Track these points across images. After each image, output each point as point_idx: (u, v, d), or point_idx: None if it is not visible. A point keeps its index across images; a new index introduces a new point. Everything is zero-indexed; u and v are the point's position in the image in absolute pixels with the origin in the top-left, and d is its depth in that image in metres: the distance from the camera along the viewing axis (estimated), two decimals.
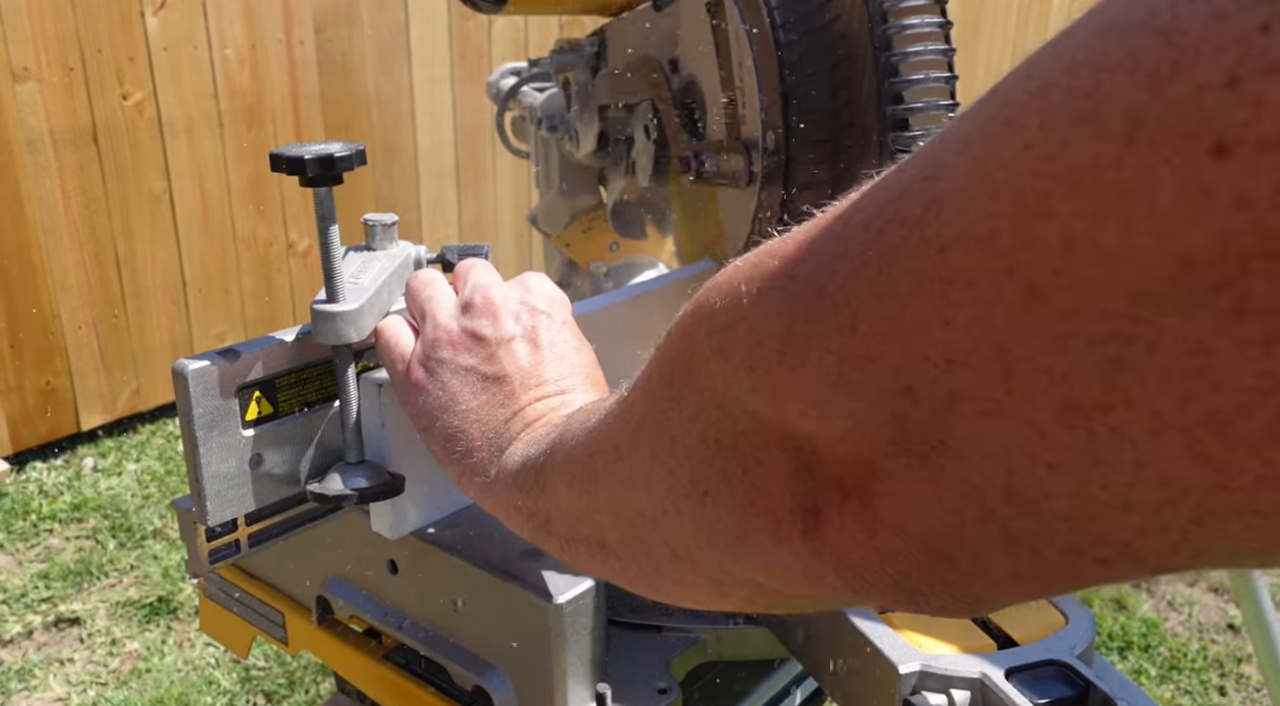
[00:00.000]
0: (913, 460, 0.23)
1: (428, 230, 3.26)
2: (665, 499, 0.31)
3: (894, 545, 0.24)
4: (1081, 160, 0.18)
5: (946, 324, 0.21)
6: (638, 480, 0.32)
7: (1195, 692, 1.95)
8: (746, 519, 0.28)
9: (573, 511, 0.39)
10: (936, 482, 0.22)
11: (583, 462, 0.37)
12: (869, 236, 0.23)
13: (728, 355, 0.26)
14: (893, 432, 0.23)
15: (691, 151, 0.71)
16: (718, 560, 0.30)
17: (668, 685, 0.56)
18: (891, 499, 0.24)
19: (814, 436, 0.25)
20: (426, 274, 0.55)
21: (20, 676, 1.94)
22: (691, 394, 0.28)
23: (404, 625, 0.60)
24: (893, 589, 0.25)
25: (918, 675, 0.49)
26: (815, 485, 0.26)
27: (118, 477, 2.59)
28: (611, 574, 0.38)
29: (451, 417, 0.48)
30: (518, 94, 1.02)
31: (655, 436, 0.31)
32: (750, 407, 0.26)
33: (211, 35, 2.69)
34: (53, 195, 2.50)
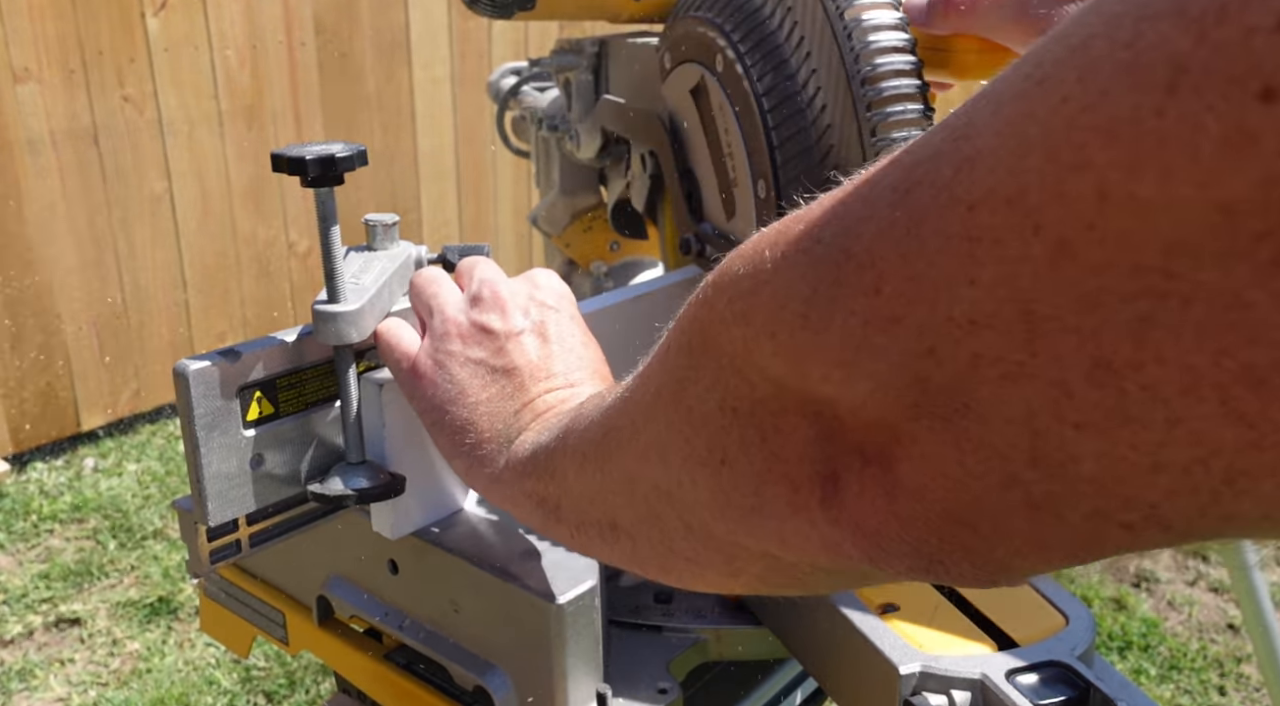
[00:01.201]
0: (935, 423, 0.23)
1: (428, 230, 3.26)
2: (681, 469, 0.31)
3: (914, 510, 0.24)
4: (1121, 110, 0.18)
5: (971, 283, 0.21)
6: (653, 451, 0.32)
7: (1195, 692, 1.95)
8: (764, 487, 0.28)
9: (584, 494, 0.39)
10: (959, 446, 0.22)
11: (597, 442, 0.37)
12: (897, 198, 0.22)
13: (749, 320, 0.26)
14: (915, 396, 0.23)
15: (693, 234, 0.71)
16: (733, 532, 0.30)
17: (668, 685, 0.56)
18: (913, 463, 0.24)
19: (835, 400, 0.25)
20: (431, 271, 0.55)
21: (21, 676, 1.94)
22: (709, 362, 0.28)
23: (404, 625, 0.60)
24: (911, 557, 0.25)
25: (918, 676, 0.49)
26: (835, 451, 0.26)
27: (118, 478, 2.59)
28: (623, 556, 0.38)
29: (460, 410, 0.48)
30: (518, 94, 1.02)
31: (671, 406, 0.31)
32: (770, 373, 0.26)
33: (212, 36, 2.69)
34: (53, 195, 2.50)
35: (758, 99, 0.59)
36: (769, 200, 0.61)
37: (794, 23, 0.57)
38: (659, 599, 0.62)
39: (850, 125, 0.56)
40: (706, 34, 0.63)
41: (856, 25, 0.55)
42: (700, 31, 0.64)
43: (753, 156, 0.62)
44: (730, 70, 0.61)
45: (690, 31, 0.65)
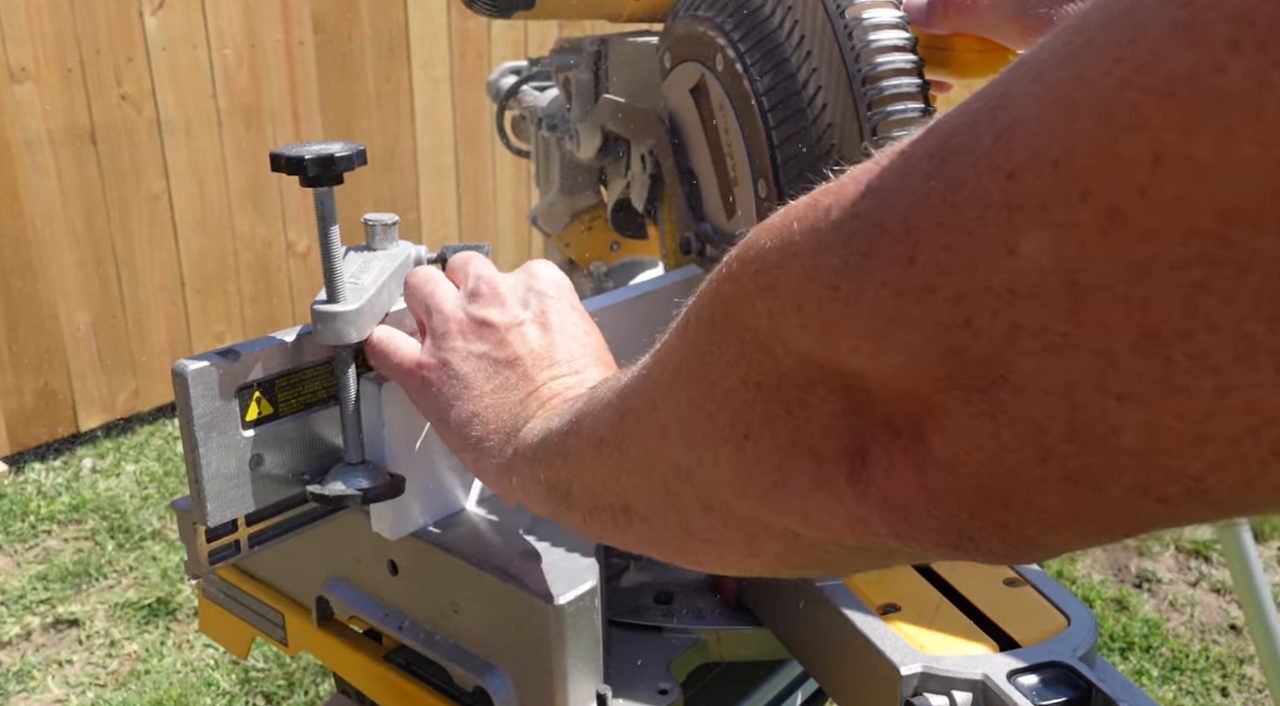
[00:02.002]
0: (970, 395, 0.22)
1: (427, 230, 3.26)
2: (702, 445, 0.30)
3: (945, 484, 0.23)
4: (1178, 68, 0.17)
5: (1011, 252, 0.20)
6: (673, 429, 0.32)
7: (1197, 693, 1.95)
8: (788, 462, 0.27)
9: (597, 478, 0.38)
10: (995, 418, 0.22)
11: (613, 424, 0.36)
12: (932, 167, 0.22)
13: (776, 293, 0.26)
14: (950, 367, 0.22)
15: (693, 233, 0.71)
16: (754, 510, 0.29)
17: (669, 686, 0.56)
18: (945, 436, 0.23)
19: (865, 373, 0.24)
20: (425, 271, 0.55)
21: (19, 678, 1.94)
22: (733, 336, 0.28)
23: (404, 625, 0.60)
24: (939, 532, 0.24)
25: (919, 676, 0.49)
26: (863, 425, 0.25)
27: (116, 478, 2.59)
28: (637, 540, 0.37)
29: (465, 404, 0.48)
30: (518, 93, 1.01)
31: (693, 382, 0.30)
32: (797, 347, 0.26)
33: (210, 35, 2.68)
34: (51, 195, 2.50)
35: (758, 98, 0.59)
36: (769, 199, 0.61)
37: (794, 22, 0.57)
38: (659, 599, 0.62)
39: (851, 124, 0.56)
40: (706, 33, 0.63)
41: (857, 24, 0.55)
42: (700, 30, 0.63)
43: (753, 156, 0.62)
44: (730, 69, 0.61)
45: (690, 31, 0.65)
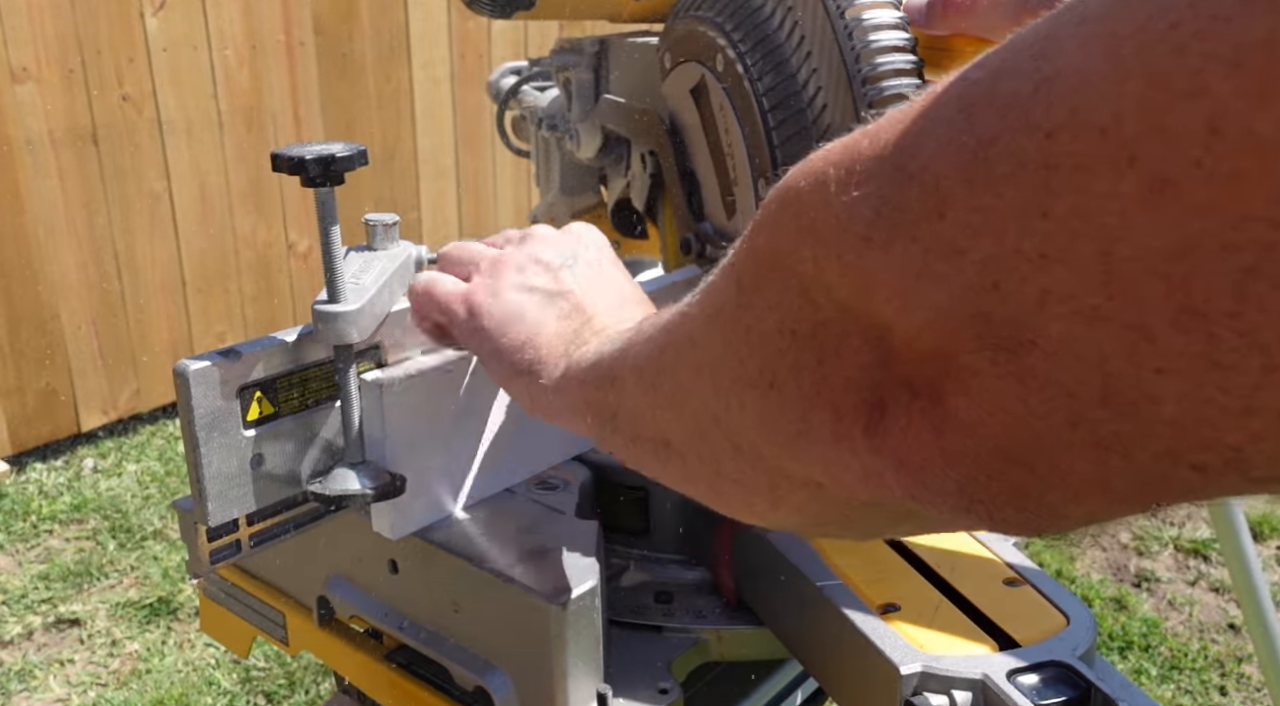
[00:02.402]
0: (999, 357, 0.21)
1: (428, 230, 3.26)
2: (730, 390, 0.30)
3: (963, 446, 0.23)
4: (1249, 35, 0.16)
5: (1044, 215, 0.19)
6: (706, 369, 0.32)
7: (1196, 692, 1.95)
8: (810, 412, 0.27)
9: (639, 407, 0.38)
10: (1023, 382, 0.21)
11: (654, 357, 0.37)
12: (963, 118, 0.21)
13: (818, 238, 0.25)
14: (978, 327, 0.21)
15: (693, 234, 0.71)
16: (778, 456, 0.29)
17: (669, 685, 0.56)
18: (969, 397, 0.22)
19: (894, 327, 0.24)
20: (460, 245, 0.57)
21: (20, 677, 1.94)
22: (776, 281, 0.27)
23: (405, 625, 0.60)
24: (954, 495, 0.24)
25: (919, 676, 0.49)
26: (886, 381, 0.25)
27: (118, 478, 2.59)
28: (675, 475, 0.37)
29: (520, 329, 0.49)
30: (518, 93, 1.01)
31: (731, 325, 0.30)
32: (836, 295, 0.25)
33: (211, 35, 2.69)
34: (52, 195, 2.50)
35: (758, 98, 0.59)
36: None
37: (794, 22, 0.57)
38: (659, 599, 0.62)
39: (851, 125, 0.56)
40: (707, 33, 0.63)
41: (857, 24, 0.55)
42: (700, 31, 0.64)
43: (753, 156, 0.62)
44: (731, 70, 0.61)
45: (690, 31, 0.65)
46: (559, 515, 0.60)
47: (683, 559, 0.65)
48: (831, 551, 0.57)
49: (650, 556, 0.65)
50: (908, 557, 0.58)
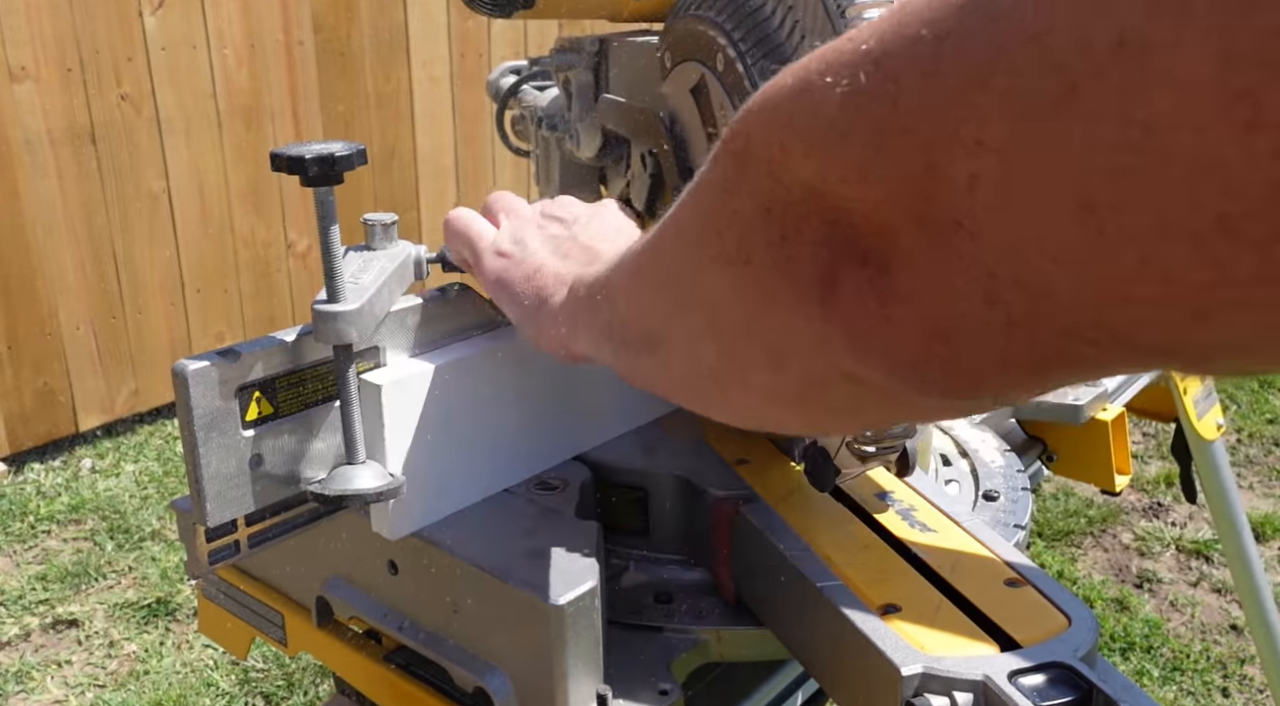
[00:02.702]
0: (935, 237, 0.24)
1: (427, 230, 3.26)
2: (709, 266, 0.34)
3: (901, 315, 0.26)
4: None
5: (980, 109, 0.22)
6: (689, 246, 0.35)
7: (1198, 694, 1.95)
8: (777, 284, 0.30)
9: (630, 307, 0.42)
10: (950, 262, 0.24)
11: (644, 251, 0.40)
12: (927, 11, 0.24)
13: (789, 126, 0.28)
14: (919, 207, 0.24)
15: None
16: (747, 328, 0.33)
17: (669, 686, 0.56)
18: (908, 273, 0.26)
19: (851, 206, 0.27)
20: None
21: (18, 678, 1.94)
22: (751, 166, 0.30)
23: (404, 626, 0.59)
24: (890, 359, 0.28)
25: (920, 677, 0.48)
26: (841, 255, 0.28)
27: (116, 479, 2.59)
28: (660, 374, 0.41)
29: (529, 266, 0.53)
30: (518, 93, 1.01)
31: (712, 203, 0.33)
32: (800, 176, 0.28)
33: (210, 35, 2.68)
34: (51, 195, 2.50)
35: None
36: None
37: (794, 21, 0.57)
38: (659, 599, 0.62)
39: None
40: (706, 32, 0.63)
41: (857, 23, 0.55)
42: (700, 30, 0.63)
43: None
44: (731, 69, 0.61)
45: (690, 30, 0.65)
46: (559, 515, 0.60)
47: (683, 559, 0.65)
48: (832, 551, 0.57)
49: (650, 556, 0.65)
50: (908, 558, 0.57)
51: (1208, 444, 1.29)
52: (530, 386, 0.62)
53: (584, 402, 0.66)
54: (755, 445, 0.68)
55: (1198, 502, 1.45)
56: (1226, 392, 3.10)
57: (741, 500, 0.61)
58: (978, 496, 0.74)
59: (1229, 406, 3.03)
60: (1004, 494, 0.73)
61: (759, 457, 0.66)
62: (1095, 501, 2.57)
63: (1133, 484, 2.64)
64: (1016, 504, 0.72)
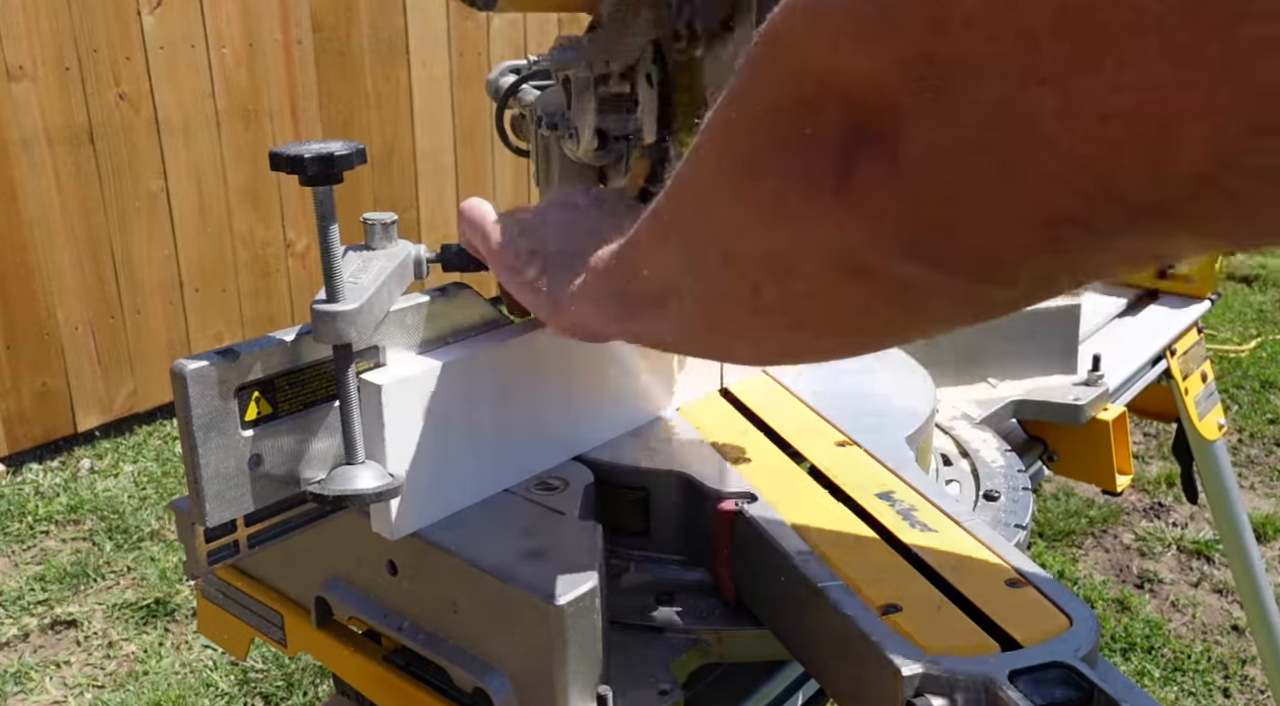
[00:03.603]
0: (937, 96, 0.26)
1: (427, 229, 3.26)
2: (721, 185, 0.35)
3: (909, 187, 0.28)
4: None
5: None
6: (703, 173, 0.37)
7: (1199, 694, 1.95)
8: (789, 182, 0.32)
9: (645, 261, 0.43)
10: (951, 117, 0.26)
11: (660, 201, 0.41)
12: None
13: (811, 13, 0.29)
14: (921, 69, 0.26)
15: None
16: (761, 238, 0.34)
17: (669, 687, 0.56)
18: (913, 140, 0.27)
19: (861, 84, 0.28)
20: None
21: (16, 679, 1.94)
22: (772, 64, 0.32)
23: (403, 626, 0.59)
24: (902, 236, 0.29)
25: (920, 677, 0.48)
26: (852, 139, 0.29)
27: (114, 479, 2.58)
28: (675, 325, 0.42)
29: (555, 256, 0.54)
30: (517, 92, 1.01)
31: (726, 119, 0.34)
32: (815, 64, 0.29)
33: (208, 34, 2.68)
34: (48, 195, 2.50)
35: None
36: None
37: None
38: (659, 599, 0.62)
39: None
40: None
41: None
42: None
43: None
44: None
45: None
46: (559, 515, 0.59)
47: (683, 559, 0.65)
48: (832, 551, 0.57)
49: (650, 556, 0.65)
50: (909, 557, 0.57)
51: (1209, 444, 1.29)
52: (530, 386, 0.62)
53: (584, 402, 0.66)
54: (756, 445, 0.68)
55: (1199, 503, 1.45)
56: (1228, 393, 3.10)
57: (742, 500, 0.61)
58: (978, 496, 0.74)
59: (1230, 406, 3.03)
60: (1005, 494, 0.73)
61: (760, 457, 0.66)
62: (1096, 501, 2.57)
63: (1134, 484, 2.64)
64: (1017, 504, 0.72)
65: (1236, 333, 3.56)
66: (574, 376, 0.64)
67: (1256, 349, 3.40)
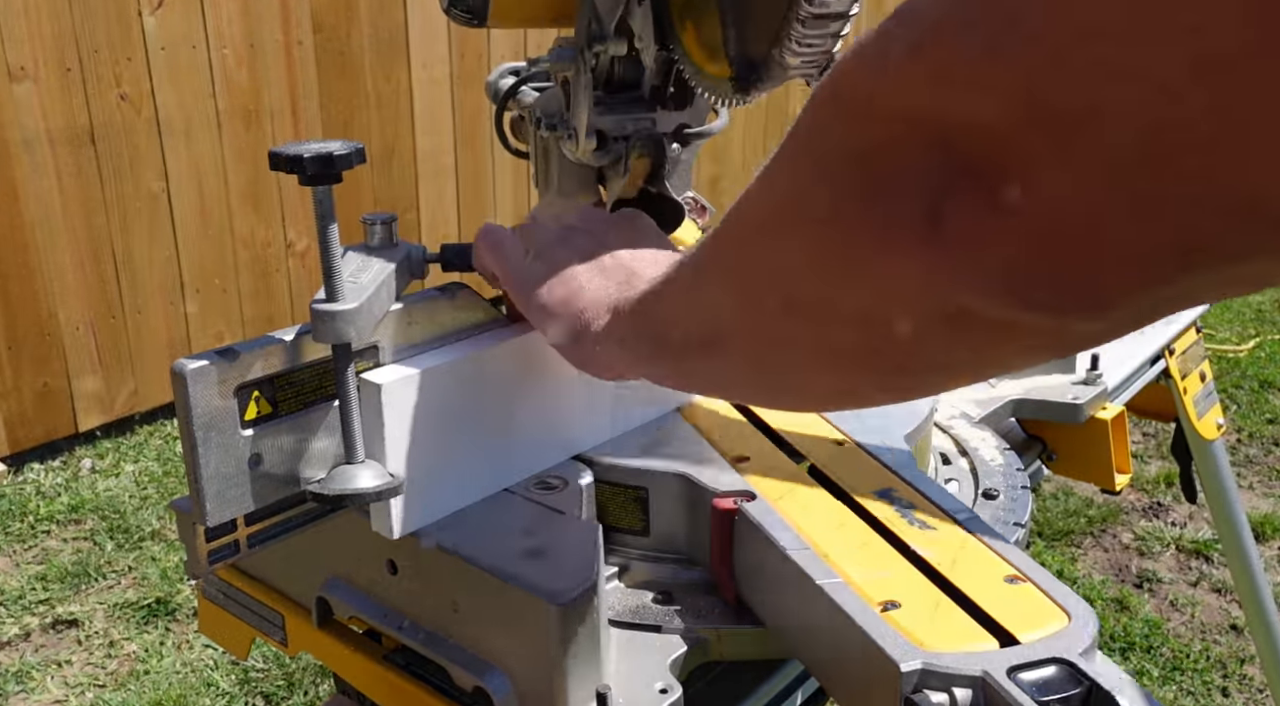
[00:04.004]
0: (1053, 131, 0.24)
1: (426, 229, 3.26)
2: (787, 234, 0.34)
3: (1018, 225, 0.26)
4: None
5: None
6: (767, 223, 0.35)
7: (1198, 694, 1.95)
8: (868, 232, 0.30)
9: (690, 304, 0.42)
10: (1072, 154, 0.24)
11: (708, 244, 0.40)
12: None
13: (889, 58, 0.28)
14: (1039, 111, 0.24)
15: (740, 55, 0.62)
16: (833, 290, 0.33)
17: (669, 685, 0.56)
18: (1025, 178, 0.26)
19: (958, 123, 0.26)
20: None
21: (18, 679, 1.94)
22: (847, 108, 0.30)
23: (404, 626, 0.59)
24: (1005, 277, 0.27)
25: (919, 673, 0.48)
26: (947, 181, 0.28)
27: (115, 479, 2.59)
28: (722, 371, 0.41)
29: (565, 286, 0.53)
30: (517, 94, 1.01)
31: (794, 168, 0.33)
32: (903, 106, 0.28)
33: (209, 34, 2.68)
34: (50, 195, 2.50)
35: None
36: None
37: None
38: (659, 599, 0.62)
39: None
40: None
41: None
42: None
43: None
44: None
45: None
46: (559, 515, 0.60)
47: (682, 558, 0.65)
48: (831, 549, 0.57)
49: (650, 556, 0.65)
50: (908, 555, 0.57)
51: (1208, 443, 1.29)
52: (530, 386, 0.62)
53: (584, 402, 0.66)
54: (755, 444, 0.68)
55: (1198, 502, 1.45)
56: (1226, 392, 3.10)
57: (742, 498, 0.61)
58: (977, 495, 0.74)
59: (1229, 406, 3.03)
60: (1004, 492, 0.73)
61: (759, 456, 0.66)
62: (1095, 501, 2.57)
63: (1133, 483, 2.64)
64: (1016, 502, 0.72)
65: (1235, 332, 3.56)
66: (573, 375, 0.64)
67: (1255, 349, 3.41)
